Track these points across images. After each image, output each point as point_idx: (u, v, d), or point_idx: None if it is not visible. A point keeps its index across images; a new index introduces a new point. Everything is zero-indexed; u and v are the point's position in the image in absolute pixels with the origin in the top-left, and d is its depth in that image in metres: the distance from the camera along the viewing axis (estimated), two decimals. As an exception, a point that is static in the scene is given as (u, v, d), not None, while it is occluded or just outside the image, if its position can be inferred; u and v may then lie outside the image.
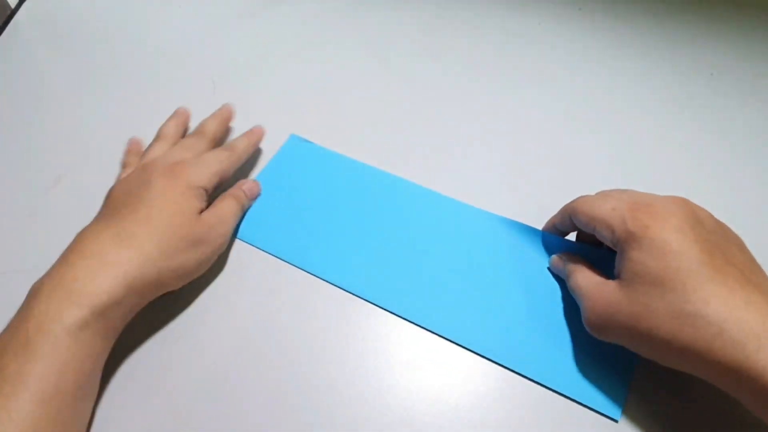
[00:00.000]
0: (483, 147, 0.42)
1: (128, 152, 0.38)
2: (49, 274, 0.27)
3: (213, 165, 0.33)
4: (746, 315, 0.22)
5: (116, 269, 0.26)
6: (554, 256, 0.32)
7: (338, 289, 0.33)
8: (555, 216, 0.33)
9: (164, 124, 0.38)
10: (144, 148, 0.37)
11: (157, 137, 0.37)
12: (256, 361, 0.31)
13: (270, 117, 0.43)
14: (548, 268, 0.33)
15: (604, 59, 0.49)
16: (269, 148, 0.41)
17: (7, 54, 0.50)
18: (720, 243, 0.25)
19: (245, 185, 0.36)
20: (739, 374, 0.22)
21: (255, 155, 0.40)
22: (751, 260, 0.26)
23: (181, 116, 0.39)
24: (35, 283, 0.27)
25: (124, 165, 0.37)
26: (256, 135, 0.39)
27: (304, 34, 0.52)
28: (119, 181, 0.33)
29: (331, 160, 0.40)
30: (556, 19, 0.53)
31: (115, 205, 0.30)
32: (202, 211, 0.32)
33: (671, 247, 0.23)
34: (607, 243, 0.27)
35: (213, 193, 0.34)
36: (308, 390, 0.30)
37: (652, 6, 0.54)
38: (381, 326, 0.32)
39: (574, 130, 0.43)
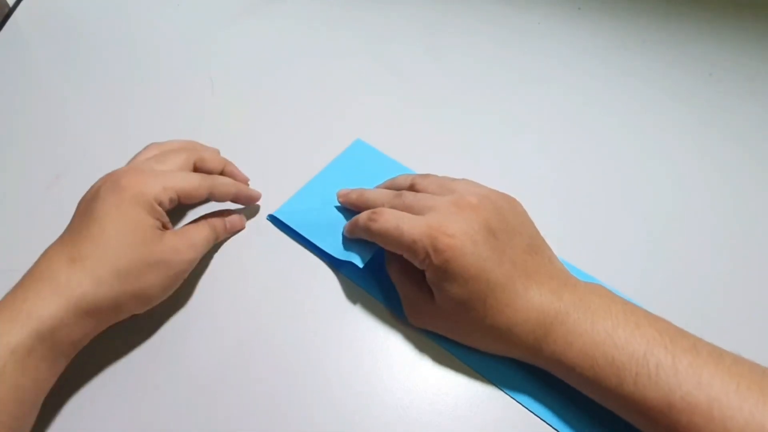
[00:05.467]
0: (481, 145, 0.42)
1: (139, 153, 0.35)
2: (5, 296, 0.26)
3: (171, 180, 0.29)
4: (525, 315, 0.27)
5: (65, 292, 0.25)
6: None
7: (336, 287, 0.33)
8: (353, 229, 0.32)
9: (170, 140, 0.35)
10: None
11: (149, 146, 0.34)
12: (253, 360, 0.30)
13: (268, 115, 0.44)
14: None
15: (603, 59, 0.49)
16: (263, 148, 0.41)
17: (5, 52, 0.50)
18: (507, 243, 0.28)
19: (229, 217, 0.35)
20: (539, 359, 0.28)
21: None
22: (530, 242, 0.30)
23: (189, 141, 0.35)
24: None
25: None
26: (246, 190, 0.35)
27: (303, 32, 0.52)
28: (87, 191, 0.30)
29: (389, 166, 0.40)
30: (556, 18, 0.53)
31: (75, 219, 0.28)
32: (164, 227, 0.29)
33: (470, 273, 0.27)
34: (415, 265, 0.29)
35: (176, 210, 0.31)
36: (306, 389, 0.30)
37: (652, 6, 0.54)
38: (380, 324, 0.32)
39: (573, 128, 0.43)
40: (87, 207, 0.28)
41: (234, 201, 0.35)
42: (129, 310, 0.28)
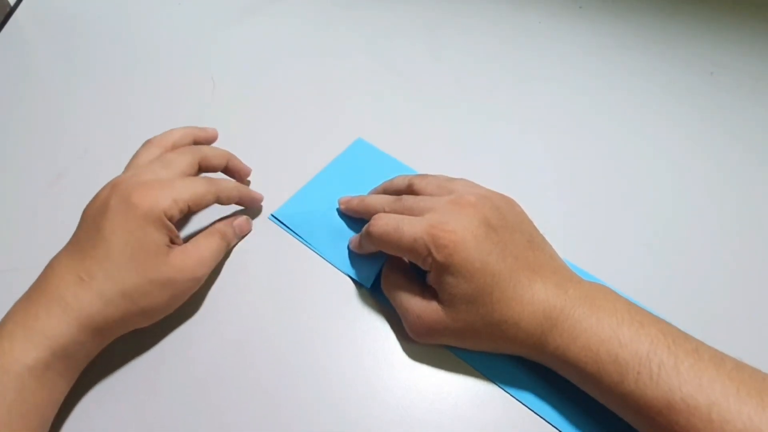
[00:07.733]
0: (482, 143, 0.42)
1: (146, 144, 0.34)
2: (13, 308, 0.26)
3: (180, 192, 0.29)
4: (531, 308, 0.27)
5: (75, 312, 0.26)
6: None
7: (337, 287, 0.33)
8: (358, 244, 0.33)
9: (167, 131, 0.34)
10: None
11: (148, 144, 0.33)
12: (253, 359, 0.30)
13: (269, 114, 0.44)
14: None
15: (604, 57, 0.49)
16: (265, 147, 0.41)
17: (6, 52, 0.50)
18: (508, 239, 0.29)
19: (236, 221, 0.35)
20: (542, 354, 0.28)
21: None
22: (530, 239, 0.30)
23: (187, 130, 0.35)
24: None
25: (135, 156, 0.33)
26: (248, 193, 0.35)
27: (304, 31, 0.52)
28: (93, 198, 0.30)
29: (390, 166, 0.40)
30: (556, 17, 0.53)
31: (82, 231, 0.28)
32: (173, 242, 0.29)
33: (475, 266, 0.27)
34: (418, 264, 0.29)
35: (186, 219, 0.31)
36: (306, 389, 0.30)
37: (653, 4, 0.54)
38: (380, 324, 0.32)
39: (574, 127, 0.43)
40: (95, 221, 0.28)
41: (238, 204, 0.35)
42: (135, 324, 0.29)
